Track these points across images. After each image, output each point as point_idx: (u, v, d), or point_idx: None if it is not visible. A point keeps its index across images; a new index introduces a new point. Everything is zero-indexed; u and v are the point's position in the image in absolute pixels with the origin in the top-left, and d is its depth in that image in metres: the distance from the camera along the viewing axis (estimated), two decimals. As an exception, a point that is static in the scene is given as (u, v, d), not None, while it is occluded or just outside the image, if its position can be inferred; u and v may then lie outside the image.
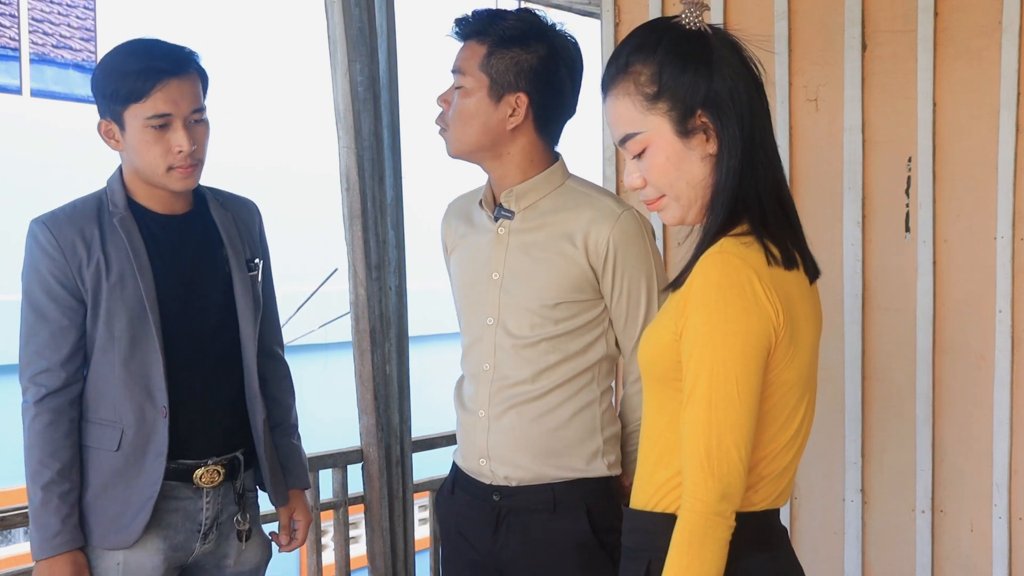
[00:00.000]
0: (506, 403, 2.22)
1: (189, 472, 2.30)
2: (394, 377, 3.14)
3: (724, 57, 1.60)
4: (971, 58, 2.99)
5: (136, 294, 2.24)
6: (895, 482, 3.13)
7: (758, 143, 1.60)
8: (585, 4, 4.05)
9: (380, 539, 3.14)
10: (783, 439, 1.59)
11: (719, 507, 1.50)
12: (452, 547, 2.37)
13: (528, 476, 2.22)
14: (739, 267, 1.52)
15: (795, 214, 1.65)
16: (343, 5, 2.95)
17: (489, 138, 2.20)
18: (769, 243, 1.56)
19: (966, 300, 3.03)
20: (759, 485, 1.59)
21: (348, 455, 3.13)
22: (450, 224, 2.39)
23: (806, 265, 1.62)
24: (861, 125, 3.12)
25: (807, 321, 1.59)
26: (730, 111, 1.58)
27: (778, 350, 1.54)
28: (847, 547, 3.18)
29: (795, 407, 1.60)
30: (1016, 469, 2.98)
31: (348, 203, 3.05)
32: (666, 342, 1.59)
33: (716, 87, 1.59)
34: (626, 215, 2.20)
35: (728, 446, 1.50)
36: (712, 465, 1.50)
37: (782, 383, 1.56)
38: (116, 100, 2.22)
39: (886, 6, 3.08)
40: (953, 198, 3.03)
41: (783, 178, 1.65)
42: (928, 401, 3.07)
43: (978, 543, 3.03)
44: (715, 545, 1.50)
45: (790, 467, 1.62)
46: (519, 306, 2.21)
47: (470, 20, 2.20)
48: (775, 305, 1.52)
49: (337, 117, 3.03)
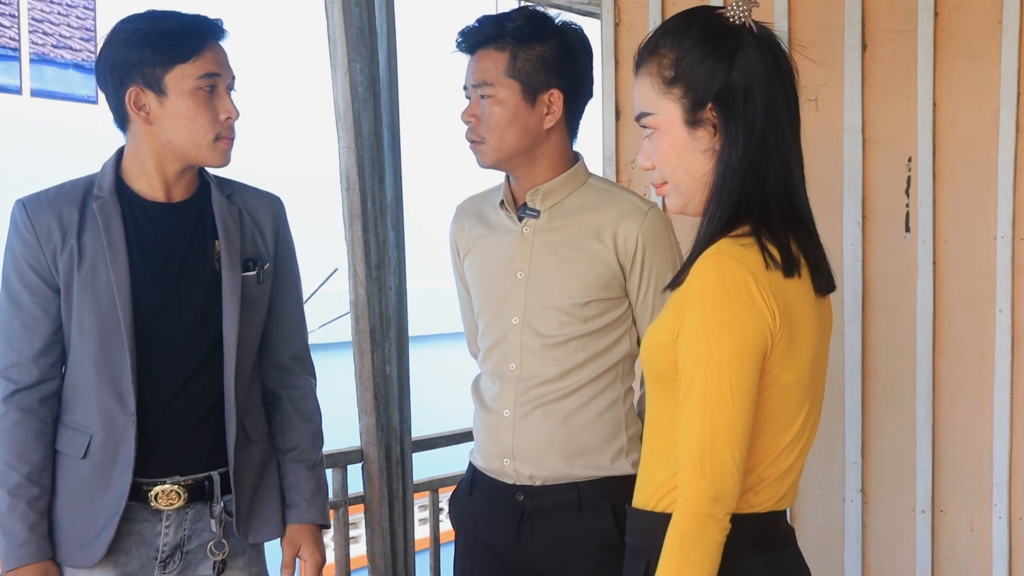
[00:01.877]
0: (533, 402, 2.22)
1: (145, 491, 2.09)
2: (394, 377, 3.13)
3: (750, 55, 1.58)
4: (971, 58, 2.99)
5: (108, 287, 2.05)
6: (895, 482, 3.13)
7: (771, 147, 1.58)
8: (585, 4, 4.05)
9: (380, 539, 3.14)
10: (784, 441, 1.59)
11: (711, 509, 1.49)
12: (468, 549, 2.35)
13: (554, 475, 2.21)
14: (735, 269, 1.52)
15: (811, 223, 1.64)
16: (343, 5, 2.95)
17: (528, 141, 2.20)
18: (770, 246, 1.55)
19: (966, 300, 3.03)
20: (760, 487, 1.58)
21: (348, 455, 3.13)
22: (463, 226, 2.37)
23: (818, 275, 1.61)
24: (861, 125, 3.12)
25: (808, 325, 1.58)
26: (740, 109, 1.57)
27: (775, 353, 1.53)
28: (847, 547, 3.18)
29: (796, 410, 1.59)
30: (1016, 469, 2.98)
31: (348, 203, 3.05)
32: (665, 341, 1.59)
33: (732, 82, 1.58)
34: (653, 212, 2.21)
35: (722, 448, 1.50)
36: (705, 467, 1.50)
37: (781, 386, 1.56)
38: (157, 62, 2.02)
39: (886, 6, 3.08)
40: (953, 198, 3.04)
41: (799, 185, 1.63)
42: (928, 401, 3.07)
43: (978, 543, 3.04)
44: (706, 547, 1.50)
45: (793, 469, 1.62)
46: (547, 305, 2.21)
47: (480, 29, 2.19)
48: (771, 308, 1.52)
49: (337, 117, 3.03)
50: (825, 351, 1.67)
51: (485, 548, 2.30)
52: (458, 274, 2.42)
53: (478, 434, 2.33)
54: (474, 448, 2.37)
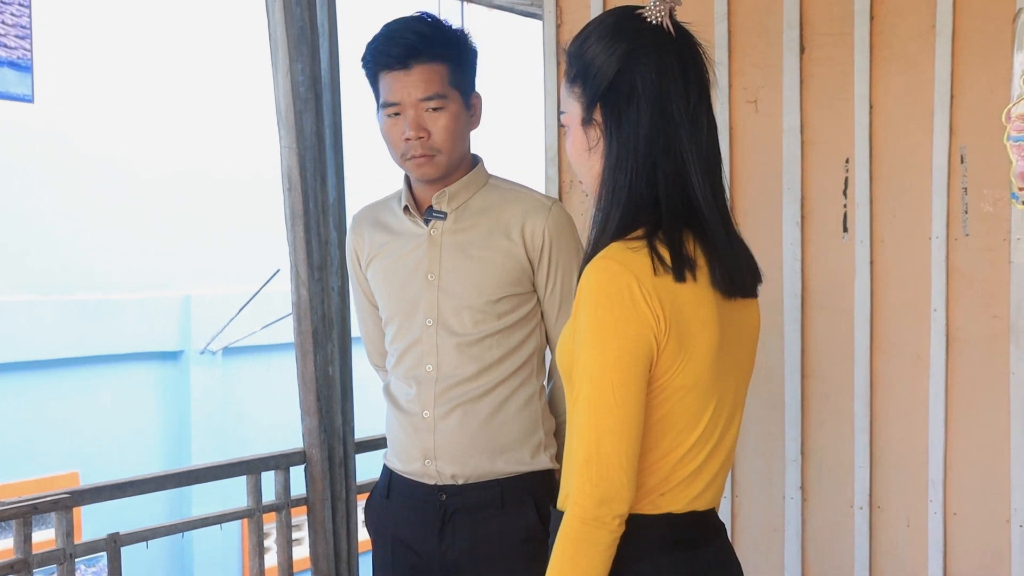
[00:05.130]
0: (452, 402, 2.23)
1: None
2: (337, 378, 3.12)
3: (643, 55, 1.56)
4: (906, 61, 3.04)
5: None
6: (834, 479, 3.17)
7: (660, 148, 1.56)
8: (527, 5, 4.06)
9: (323, 541, 3.12)
10: (687, 443, 1.57)
11: (597, 512, 1.49)
12: (388, 553, 2.35)
13: (476, 473, 2.23)
14: (619, 273, 1.51)
15: (718, 226, 1.59)
16: (284, 4, 2.93)
17: (467, 146, 2.29)
18: (661, 249, 1.53)
19: (902, 299, 3.08)
20: (666, 488, 1.57)
21: (290, 457, 3.11)
22: (362, 235, 2.40)
23: (726, 277, 1.58)
24: (800, 126, 3.16)
25: (705, 327, 1.55)
26: (623, 109, 1.56)
27: (663, 356, 1.52)
28: (787, 543, 3.21)
29: (697, 412, 1.57)
30: (951, 466, 3.03)
31: (290, 203, 3.03)
32: (568, 343, 1.60)
33: (617, 82, 1.57)
34: (556, 207, 2.28)
35: (607, 452, 1.49)
36: (591, 471, 1.49)
37: (676, 388, 1.55)
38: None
39: (823, 9, 3.12)
40: (889, 199, 3.08)
41: (702, 186, 1.58)
42: (866, 399, 3.11)
43: (914, 538, 3.08)
44: (593, 550, 1.49)
45: (705, 470, 1.60)
46: (460, 304, 2.23)
47: (411, 44, 2.20)
48: (655, 312, 1.50)
49: (279, 117, 3.01)
50: (741, 352, 1.65)
51: (406, 550, 2.30)
52: (358, 284, 2.45)
53: (394, 437, 2.34)
54: (388, 451, 2.37)
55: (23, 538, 2.56)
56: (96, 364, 7.89)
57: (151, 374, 8.22)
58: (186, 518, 3.10)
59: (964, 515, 3.02)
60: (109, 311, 7.90)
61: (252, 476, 3.03)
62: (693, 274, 1.54)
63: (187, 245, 8.34)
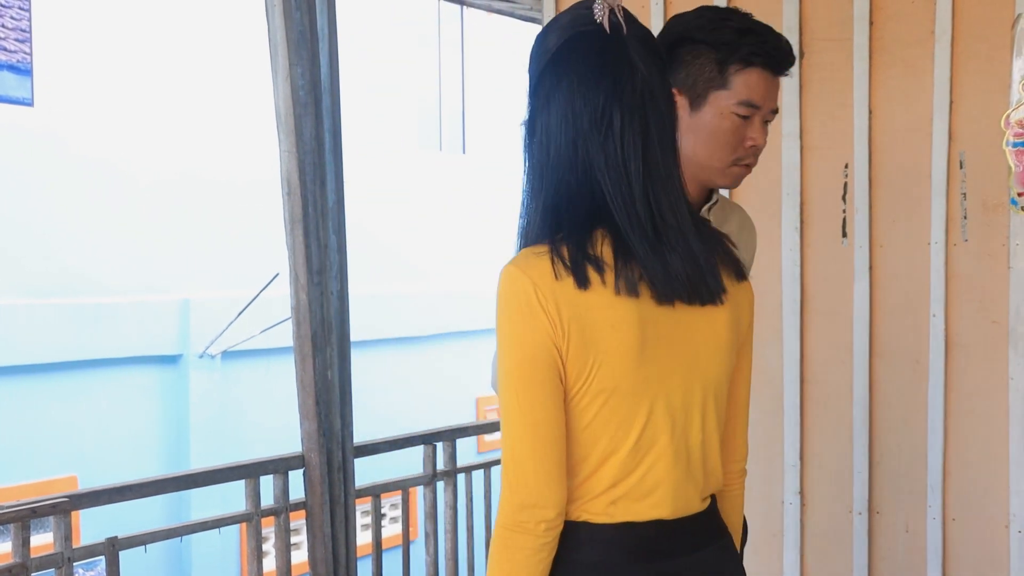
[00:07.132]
0: None
1: None
2: (336, 382, 3.12)
3: (563, 58, 1.52)
4: (905, 66, 3.04)
5: None
6: (833, 484, 3.17)
7: (580, 156, 1.51)
8: (527, 10, 4.07)
9: (322, 545, 3.12)
10: (623, 448, 1.53)
11: (518, 517, 1.48)
12: None
13: None
14: (517, 278, 1.49)
15: (649, 234, 1.51)
16: (284, 9, 2.94)
17: None
18: (566, 255, 1.48)
19: (901, 304, 3.08)
20: (616, 496, 1.54)
21: (289, 461, 3.11)
22: None
23: (656, 284, 1.51)
24: (799, 132, 3.16)
25: (615, 330, 1.49)
26: (539, 113, 1.53)
27: (569, 361, 1.49)
28: (786, 548, 3.21)
29: (627, 416, 1.52)
30: (949, 471, 3.03)
31: (289, 207, 3.03)
32: None
33: (537, 85, 1.53)
34: None
35: (521, 458, 1.48)
36: (509, 477, 1.49)
37: (596, 392, 1.50)
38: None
39: (823, 15, 3.12)
40: (888, 204, 3.08)
41: (617, 196, 1.50)
42: (865, 404, 3.11)
43: (913, 543, 3.08)
44: (519, 554, 1.49)
45: (660, 477, 1.55)
46: None
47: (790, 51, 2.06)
48: (552, 317, 1.47)
49: (278, 121, 3.01)
50: (693, 355, 1.57)
51: None
52: None
53: None
54: None
55: (21, 542, 2.56)
56: (95, 368, 7.87)
57: (150, 378, 8.21)
58: (185, 522, 3.10)
59: (963, 520, 3.02)
60: (107, 315, 7.89)
61: (251, 480, 3.03)
62: (601, 278, 1.49)
63: (186, 249, 8.34)
